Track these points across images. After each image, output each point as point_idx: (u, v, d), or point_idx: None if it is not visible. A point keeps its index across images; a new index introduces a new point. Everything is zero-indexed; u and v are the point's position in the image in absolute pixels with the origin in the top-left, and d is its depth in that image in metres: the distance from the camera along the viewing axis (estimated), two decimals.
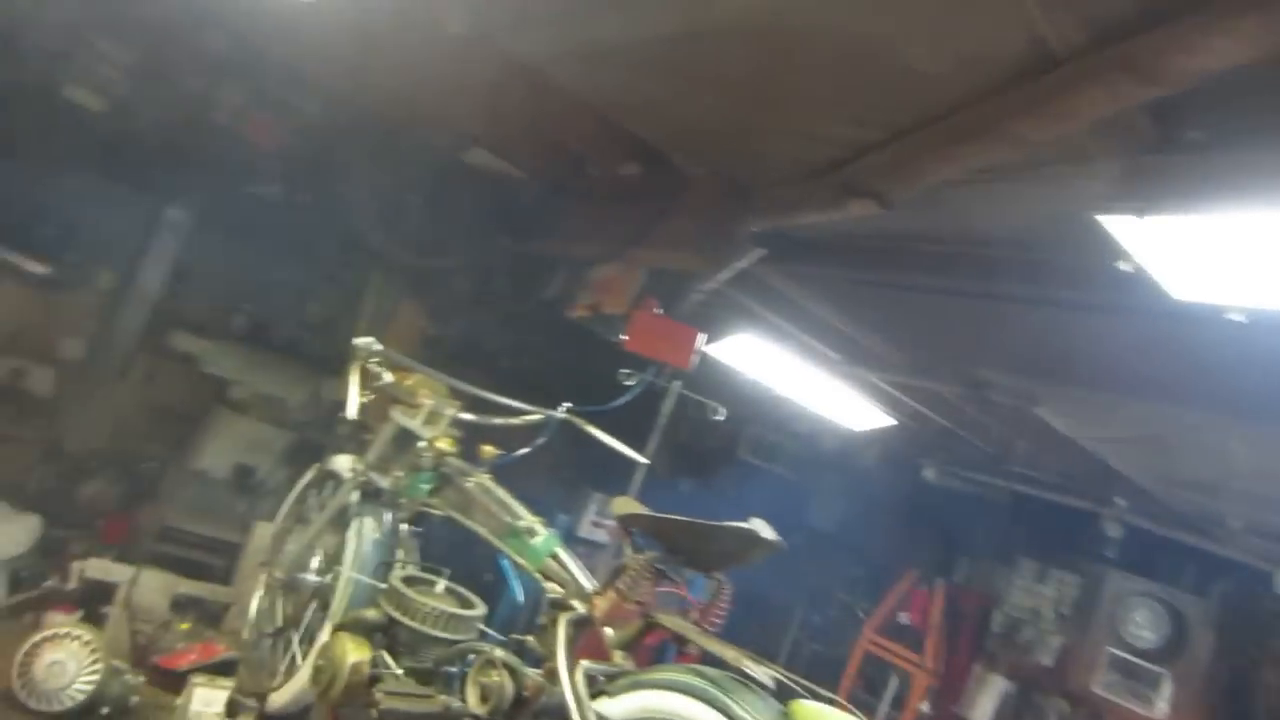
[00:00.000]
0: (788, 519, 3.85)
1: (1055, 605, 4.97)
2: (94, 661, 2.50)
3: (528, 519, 2.22)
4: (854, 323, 3.89)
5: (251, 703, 2.75)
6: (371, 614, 2.34)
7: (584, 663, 1.83)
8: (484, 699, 2.00)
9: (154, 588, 3.08)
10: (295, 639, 2.91)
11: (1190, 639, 4.28)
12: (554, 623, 2.01)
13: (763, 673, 1.61)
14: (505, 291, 4.24)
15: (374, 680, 2.25)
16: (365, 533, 2.76)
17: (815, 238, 3.28)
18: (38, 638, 2.47)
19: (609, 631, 1.93)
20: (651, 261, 3.40)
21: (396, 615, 2.31)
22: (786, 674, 1.63)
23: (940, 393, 4.79)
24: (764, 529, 1.74)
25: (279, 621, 2.98)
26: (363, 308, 4.69)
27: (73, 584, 2.95)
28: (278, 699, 2.81)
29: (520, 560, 2.16)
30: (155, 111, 4.11)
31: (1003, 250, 2.90)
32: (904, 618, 5.67)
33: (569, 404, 2.69)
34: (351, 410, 2.62)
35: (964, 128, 2.00)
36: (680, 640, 1.83)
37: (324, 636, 2.71)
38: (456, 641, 2.32)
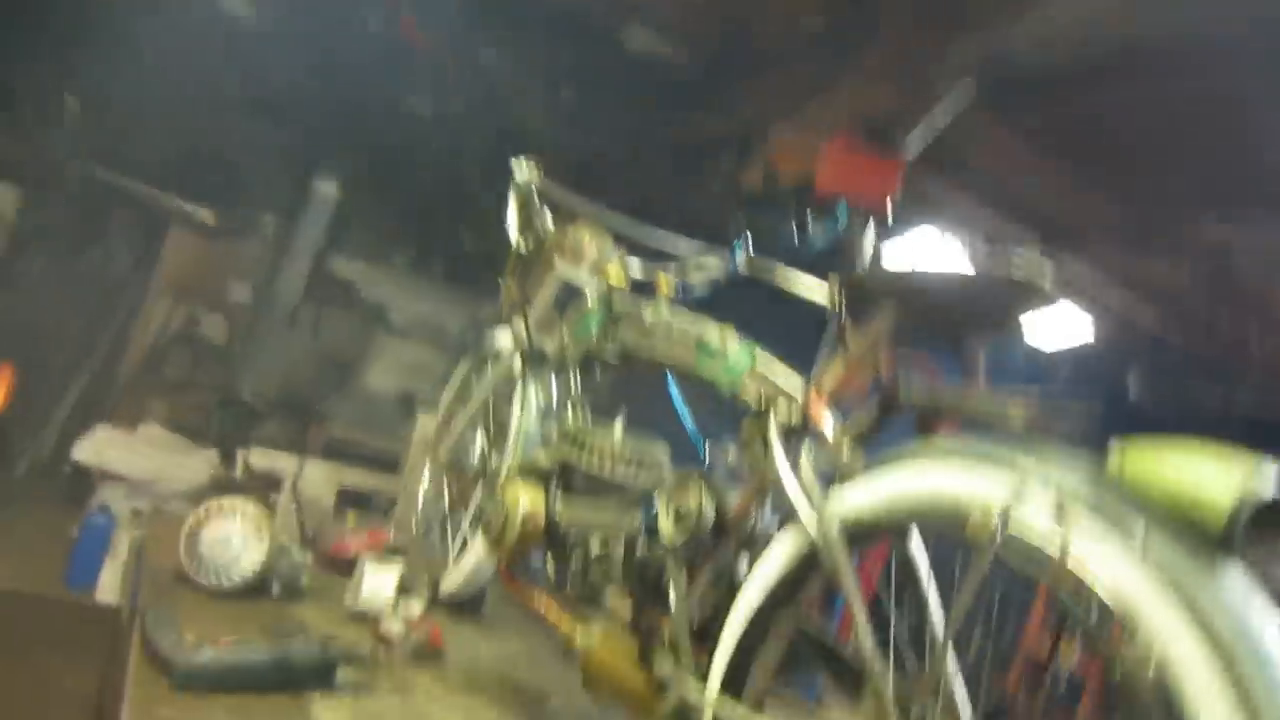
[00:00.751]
0: None
1: None
2: (262, 537, 2.34)
3: (716, 334, 1.89)
4: (1073, 176, 3.37)
5: (424, 584, 2.55)
6: (543, 459, 2.07)
7: (805, 458, 1.48)
8: (680, 523, 1.68)
9: (320, 480, 2.95)
10: (464, 521, 2.70)
11: None
12: (759, 432, 1.66)
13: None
14: (667, 180, 3.94)
15: (550, 528, 1.98)
16: (530, 398, 2.51)
17: (1031, 67, 2.81)
18: (202, 511, 2.33)
19: (829, 428, 1.57)
20: (838, 113, 3.01)
21: (570, 459, 2.03)
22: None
23: (1165, 278, 4.17)
24: (1035, 265, 1.34)
25: (446, 505, 2.78)
26: None
27: (239, 473, 2.84)
28: (449, 581, 2.60)
29: (718, 378, 1.82)
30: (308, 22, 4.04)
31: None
32: None
33: (746, 242, 2.34)
34: (513, 234, 2.38)
35: None
36: (930, 417, 1.45)
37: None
38: (634, 485, 2.01)
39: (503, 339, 2.79)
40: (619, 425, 2.09)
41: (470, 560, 2.56)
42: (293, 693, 1.90)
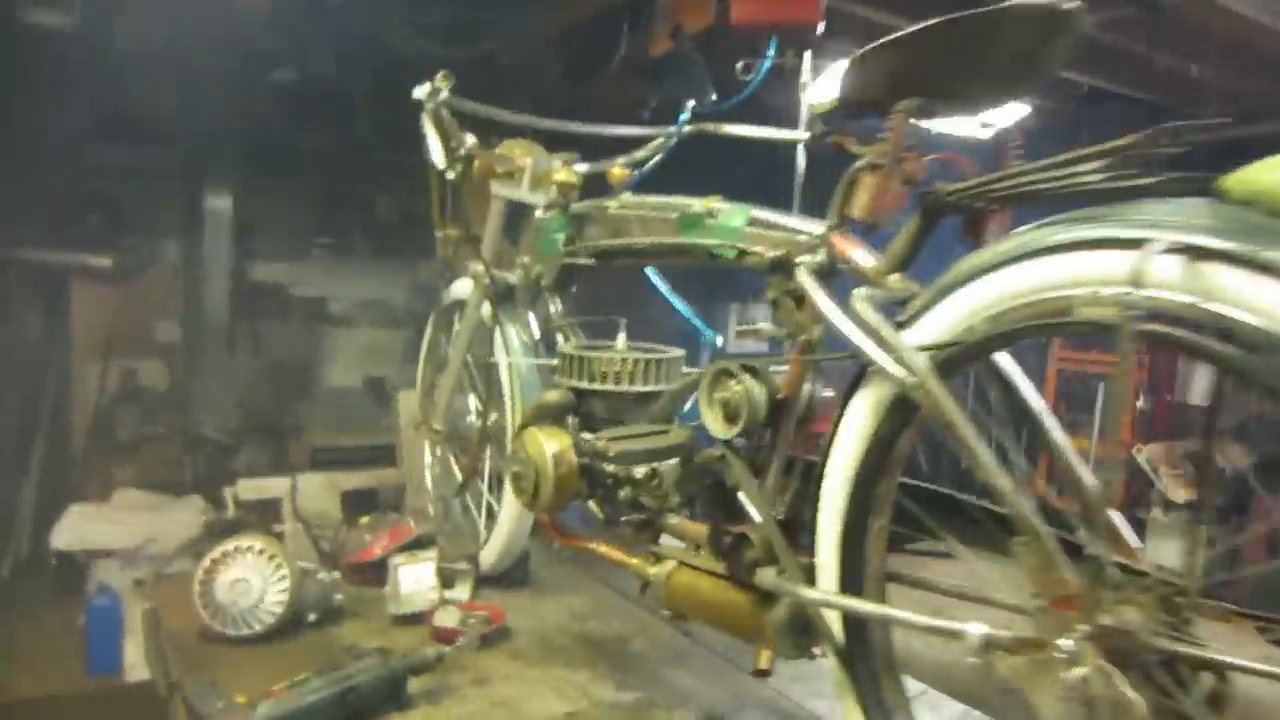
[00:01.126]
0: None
1: None
2: (279, 569, 2.13)
3: (698, 203, 1.67)
4: None
5: (464, 566, 2.36)
6: (552, 395, 1.86)
7: (861, 300, 1.28)
8: (729, 418, 1.49)
9: (319, 492, 2.73)
10: (483, 488, 2.50)
11: None
12: (785, 288, 1.47)
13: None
14: (572, 73, 3.65)
15: (586, 467, 1.78)
16: (512, 338, 2.29)
17: None
18: (207, 561, 2.11)
19: (866, 260, 1.37)
20: None
21: (582, 384, 1.83)
22: None
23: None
24: None
25: (459, 478, 2.57)
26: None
27: (230, 513, 2.61)
28: (489, 555, 2.42)
29: (714, 245, 1.61)
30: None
31: None
32: None
33: (690, 109, 2.11)
34: (437, 157, 2.13)
35: None
36: (979, 216, 1.26)
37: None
38: (662, 393, 1.82)
39: (461, 288, 2.55)
40: (622, 335, 1.88)
41: (504, 527, 2.37)
42: None
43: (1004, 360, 1.31)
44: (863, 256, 1.39)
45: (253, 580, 2.12)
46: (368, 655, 1.86)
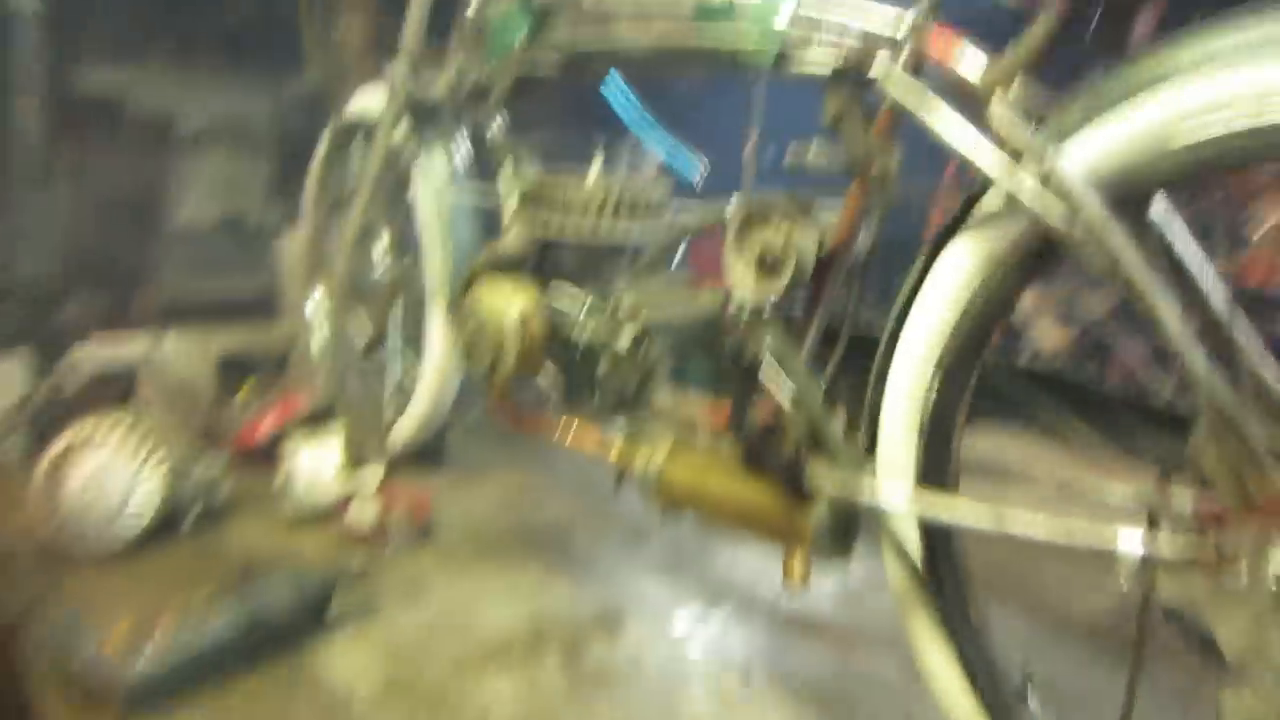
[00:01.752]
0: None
1: None
2: (148, 459, 1.68)
3: None
4: None
5: (372, 445, 1.98)
6: (510, 240, 1.46)
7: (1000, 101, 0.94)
8: (768, 270, 1.14)
9: (186, 358, 2.24)
10: (396, 350, 2.09)
11: None
12: (850, 103, 1.11)
13: None
14: None
15: (556, 330, 1.41)
16: (438, 168, 1.84)
17: None
18: (54, 453, 1.64)
19: (973, 67, 1.02)
20: None
21: (549, 232, 1.43)
22: None
23: None
24: None
25: (364, 338, 2.15)
26: None
27: (72, 389, 2.10)
28: (404, 430, 2.04)
29: (743, 45, 1.21)
30: None
31: None
32: None
33: None
34: None
35: None
36: (1126, 9, 0.92)
37: (435, 319, 1.88)
38: (648, 240, 1.45)
39: (365, 102, 2.05)
40: (597, 163, 1.47)
41: (423, 395, 1.98)
42: (284, 653, 1.37)
43: (1160, 206, 1.00)
44: (970, 59, 1.03)
45: (116, 474, 1.68)
46: (270, 570, 1.48)
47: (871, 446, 1.09)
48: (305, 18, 1.81)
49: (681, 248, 1.48)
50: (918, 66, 1.06)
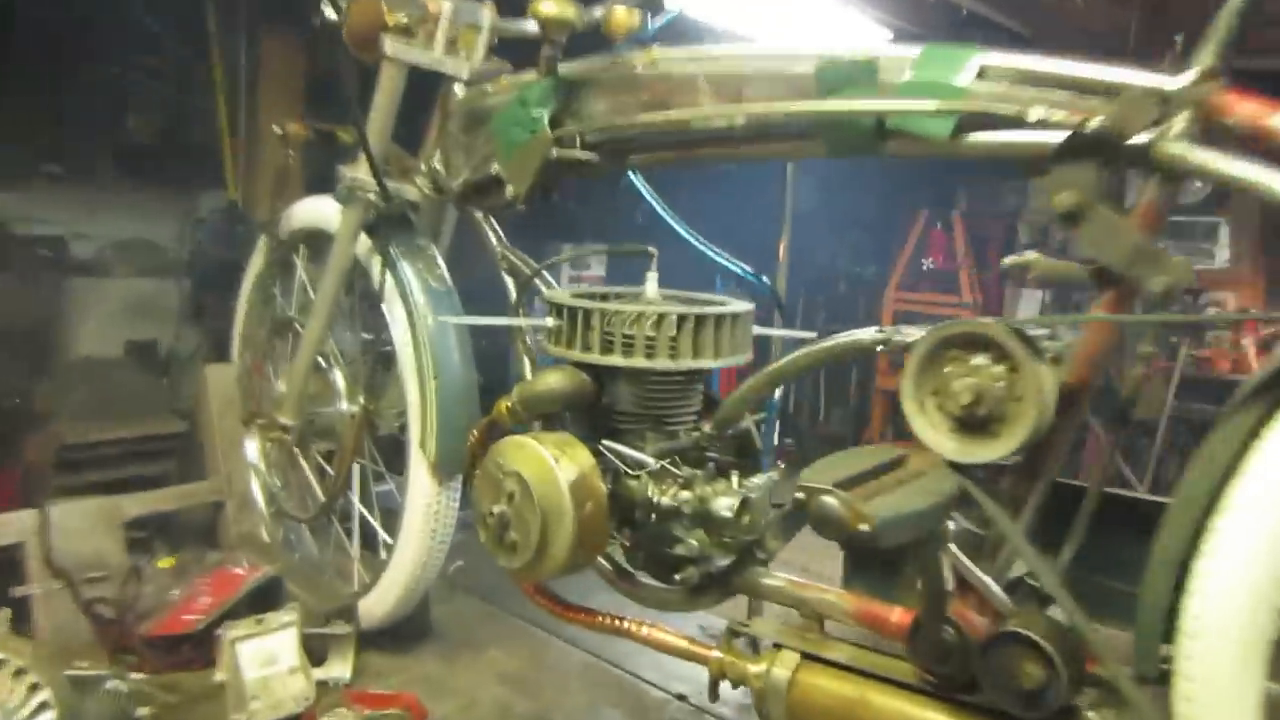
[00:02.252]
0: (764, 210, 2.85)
1: None
2: (29, 694, 1.25)
3: (841, 49, 0.97)
4: None
5: (340, 628, 1.58)
6: (556, 377, 1.12)
7: None
8: (975, 426, 0.83)
9: (85, 527, 1.79)
10: (356, 504, 1.69)
11: None
12: (1092, 186, 0.83)
13: None
14: None
15: (622, 496, 1.08)
16: (412, 280, 1.50)
17: None
18: None
19: None
20: None
21: (604, 359, 1.09)
22: None
23: None
24: None
25: (319, 492, 1.75)
26: (212, 69, 3.14)
27: None
28: (378, 604, 1.64)
29: (910, 110, 0.91)
30: None
31: None
32: (927, 264, 5.10)
33: None
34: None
35: None
36: None
37: (419, 467, 1.50)
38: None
39: (313, 211, 1.70)
40: (653, 277, 1.16)
41: (402, 562, 1.59)
42: None
43: None
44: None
45: None
46: None
47: (1163, 677, 0.75)
48: (224, 127, 1.48)
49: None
50: (1208, 129, 0.79)
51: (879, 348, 0.93)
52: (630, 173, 1.31)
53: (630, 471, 1.07)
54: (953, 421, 0.84)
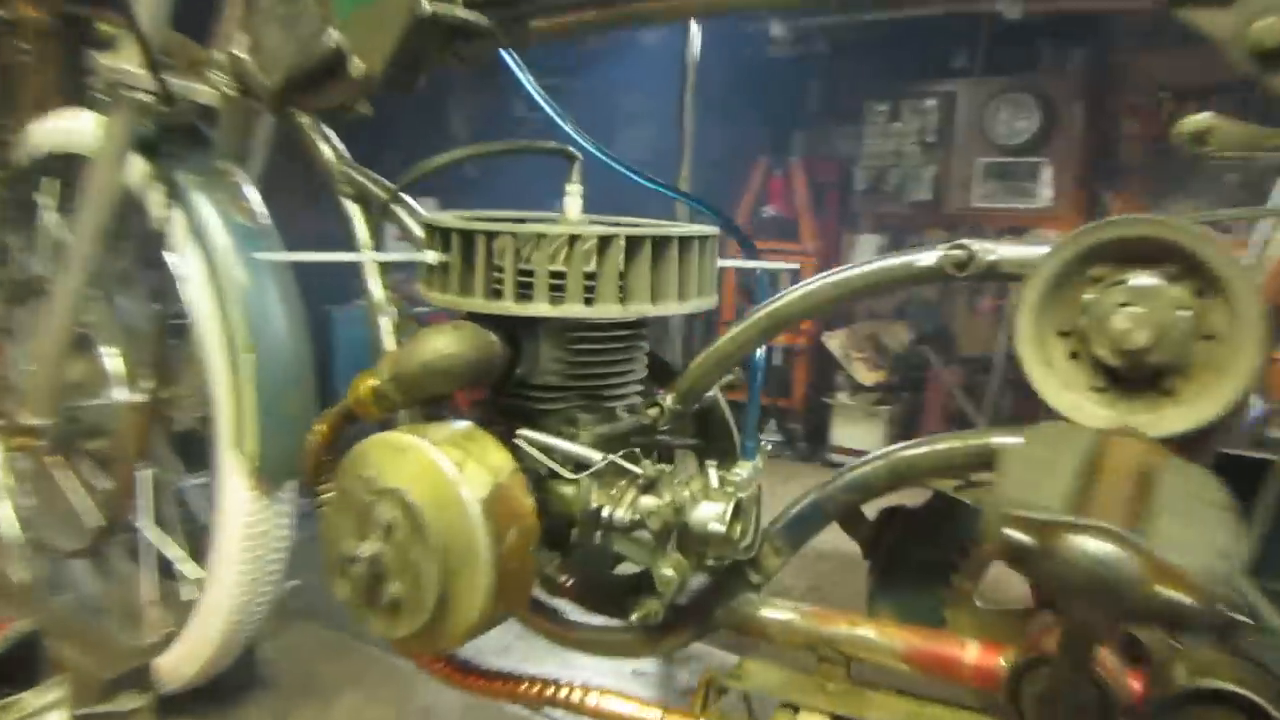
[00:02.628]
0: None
1: (918, 137, 4.45)
2: None
3: None
4: None
5: (131, 700, 1.16)
6: (452, 338, 0.75)
7: None
8: (1139, 383, 0.55)
9: None
10: (146, 530, 1.26)
11: (1059, 118, 4.07)
12: None
13: None
14: None
15: (558, 513, 0.74)
16: (212, 217, 1.08)
17: None
18: None
19: None
20: None
21: (507, 305, 0.74)
22: None
23: None
24: None
25: (95, 513, 1.29)
26: None
27: None
28: (180, 660, 1.22)
29: None
30: None
31: None
32: (767, 211, 5.07)
33: None
34: None
35: None
36: None
37: (233, 476, 1.10)
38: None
39: (57, 130, 1.23)
40: (574, 194, 0.81)
41: (214, 605, 1.18)
42: None
43: None
44: None
45: None
46: None
47: None
48: None
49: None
50: None
51: (956, 274, 0.63)
52: (506, 54, 0.95)
53: (565, 474, 0.73)
54: (1102, 376, 0.55)
